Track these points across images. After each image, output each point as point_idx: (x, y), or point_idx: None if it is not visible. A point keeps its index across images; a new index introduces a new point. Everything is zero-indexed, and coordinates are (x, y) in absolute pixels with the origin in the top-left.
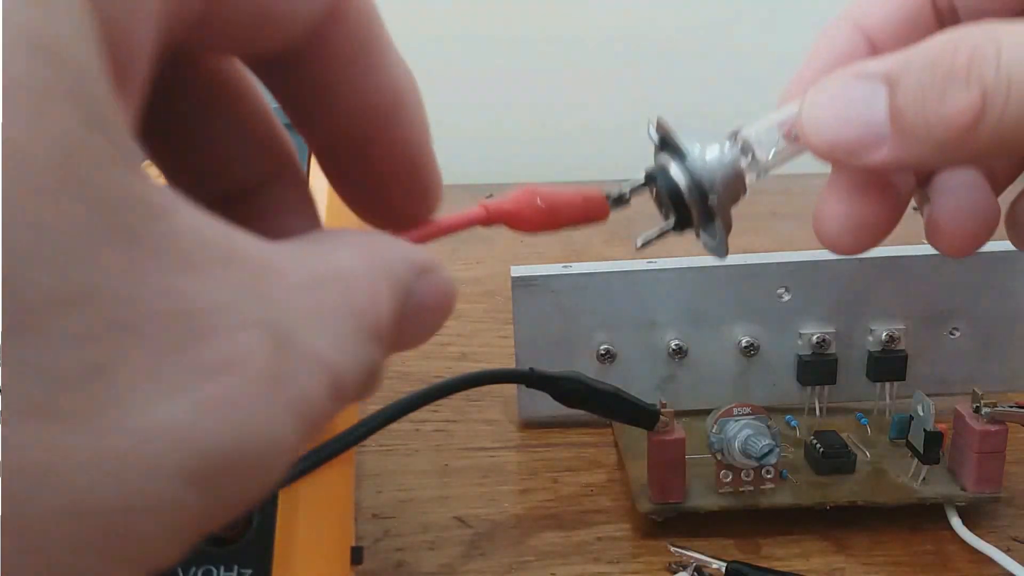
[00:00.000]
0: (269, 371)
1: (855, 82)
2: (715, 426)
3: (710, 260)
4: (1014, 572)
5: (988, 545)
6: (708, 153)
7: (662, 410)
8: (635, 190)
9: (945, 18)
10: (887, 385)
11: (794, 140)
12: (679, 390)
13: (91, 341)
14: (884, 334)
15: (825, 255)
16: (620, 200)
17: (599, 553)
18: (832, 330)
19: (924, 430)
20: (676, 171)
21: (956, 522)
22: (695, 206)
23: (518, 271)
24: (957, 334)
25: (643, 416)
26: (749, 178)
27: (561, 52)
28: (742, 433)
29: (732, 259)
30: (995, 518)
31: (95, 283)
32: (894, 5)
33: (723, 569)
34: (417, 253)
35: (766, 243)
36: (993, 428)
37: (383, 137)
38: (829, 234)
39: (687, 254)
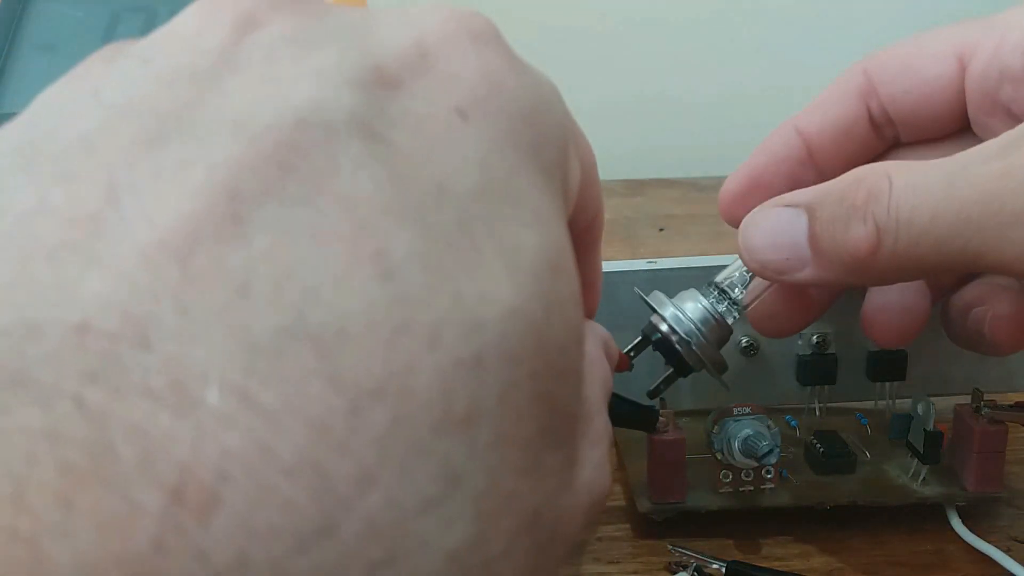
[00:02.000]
0: (608, 438)
1: (782, 211)
2: (715, 426)
3: (710, 260)
4: (1014, 572)
5: (988, 545)
6: (688, 311)
7: (662, 410)
8: (636, 347)
9: (884, 130)
10: (887, 385)
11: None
12: (679, 390)
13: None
14: None
15: None
16: (628, 356)
17: (599, 553)
18: (832, 330)
19: (924, 430)
20: (665, 332)
21: (956, 522)
22: (689, 357)
23: None
24: None
25: (643, 416)
26: (729, 318)
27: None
28: (742, 433)
29: (731, 259)
30: (995, 518)
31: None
32: (831, 116)
33: (723, 569)
34: (604, 330)
35: None
36: (993, 428)
37: None
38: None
39: (687, 254)
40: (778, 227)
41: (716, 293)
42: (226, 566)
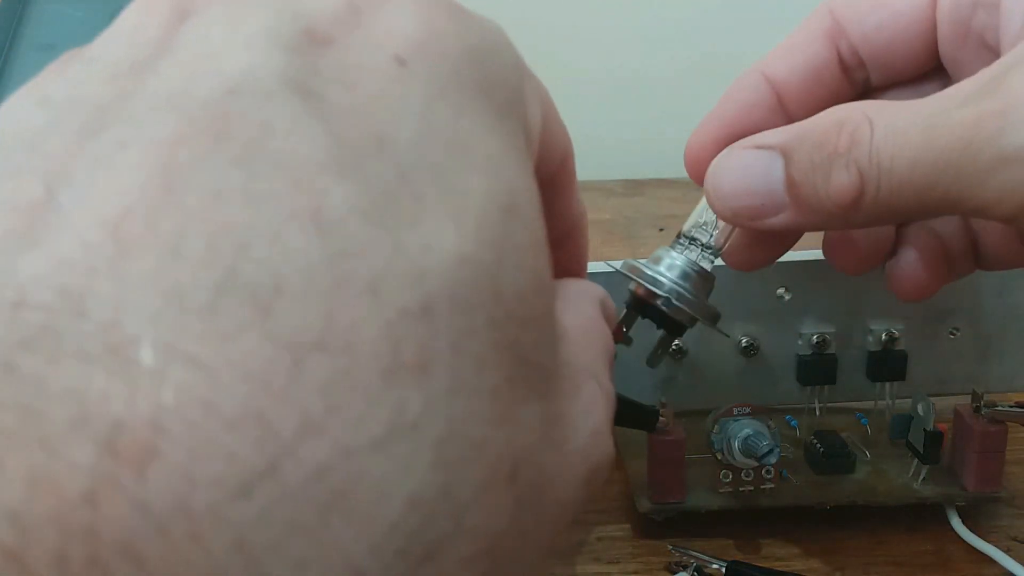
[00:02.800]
0: (606, 405)
1: (754, 153)
2: (715, 426)
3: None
4: (1014, 572)
5: (988, 545)
6: (664, 269)
7: (662, 410)
8: (625, 320)
9: (854, 73)
10: (887, 385)
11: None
12: (679, 390)
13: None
14: (884, 334)
15: None
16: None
17: (599, 553)
18: (832, 330)
19: (924, 430)
20: (644, 296)
21: (956, 522)
22: (677, 315)
23: None
24: (957, 334)
25: (643, 416)
26: (706, 265)
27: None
28: (742, 433)
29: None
30: (995, 518)
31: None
32: (799, 60)
33: (723, 569)
34: (600, 289)
35: None
36: (993, 428)
37: (558, 249)
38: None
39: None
40: (751, 171)
41: (687, 243)
42: (166, 514)
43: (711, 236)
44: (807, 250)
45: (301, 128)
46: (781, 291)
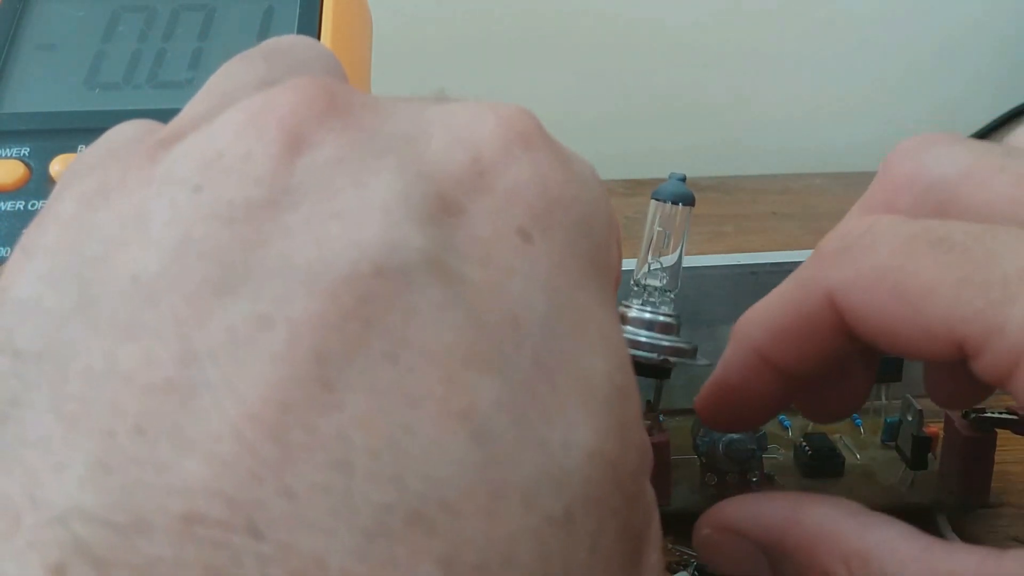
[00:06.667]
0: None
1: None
2: (701, 428)
3: (708, 260)
4: None
5: None
6: (633, 324)
7: (646, 413)
8: None
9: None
10: (883, 386)
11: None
12: (674, 390)
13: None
14: None
15: None
16: None
17: None
18: None
19: (912, 435)
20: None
21: (945, 528)
22: (663, 364)
23: None
24: None
25: None
26: (668, 306)
27: (558, 47)
28: (726, 436)
29: (731, 259)
30: (984, 524)
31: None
32: (807, 350)
33: None
34: None
35: (766, 243)
36: (980, 435)
37: None
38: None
39: (686, 254)
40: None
41: (644, 291)
42: None
43: (662, 279)
44: (807, 250)
45: (445, 315)
46: None
